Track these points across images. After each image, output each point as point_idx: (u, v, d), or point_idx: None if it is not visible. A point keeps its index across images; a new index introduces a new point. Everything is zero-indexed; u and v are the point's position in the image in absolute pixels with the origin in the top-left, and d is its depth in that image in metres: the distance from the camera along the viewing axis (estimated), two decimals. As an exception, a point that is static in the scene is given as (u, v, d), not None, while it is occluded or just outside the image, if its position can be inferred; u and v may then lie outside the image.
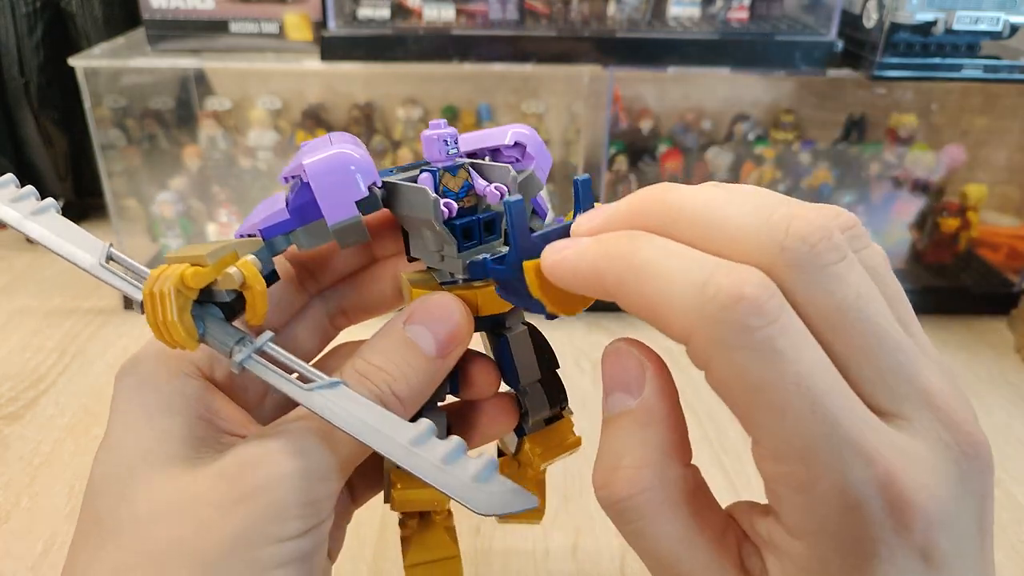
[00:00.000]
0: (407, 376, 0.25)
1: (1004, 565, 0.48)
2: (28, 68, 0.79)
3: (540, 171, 0.28)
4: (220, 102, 0.81)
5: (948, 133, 0.84)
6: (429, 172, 0.26)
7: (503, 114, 0.85)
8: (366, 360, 0.25)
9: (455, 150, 0.26)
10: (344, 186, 0.24)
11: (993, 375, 0.68)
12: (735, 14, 0.74)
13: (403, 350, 0.25)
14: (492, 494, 0.21)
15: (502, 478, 0.22)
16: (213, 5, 0.70)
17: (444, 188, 0.26)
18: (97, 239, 0.25)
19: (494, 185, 0.26)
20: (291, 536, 0.23)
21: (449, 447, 0.22)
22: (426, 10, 0.71)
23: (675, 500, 0.22)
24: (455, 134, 0.26)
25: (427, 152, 0.26)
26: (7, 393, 0.61)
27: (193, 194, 0.80)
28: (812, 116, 0.85)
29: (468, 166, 0.27)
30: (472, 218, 0.26)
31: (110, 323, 0.72)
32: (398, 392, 0.25)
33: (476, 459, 0.22)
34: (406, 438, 0.22)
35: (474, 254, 0.26)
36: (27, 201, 0.26)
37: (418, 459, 0.22)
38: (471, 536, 0.48)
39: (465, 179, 0.26)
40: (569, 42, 0.69)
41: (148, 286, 0.22)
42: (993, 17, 0.63)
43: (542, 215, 0.29)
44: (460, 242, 0.26)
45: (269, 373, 0.23)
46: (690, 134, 0.84)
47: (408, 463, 0.22)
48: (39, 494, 0.51)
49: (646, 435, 0.22)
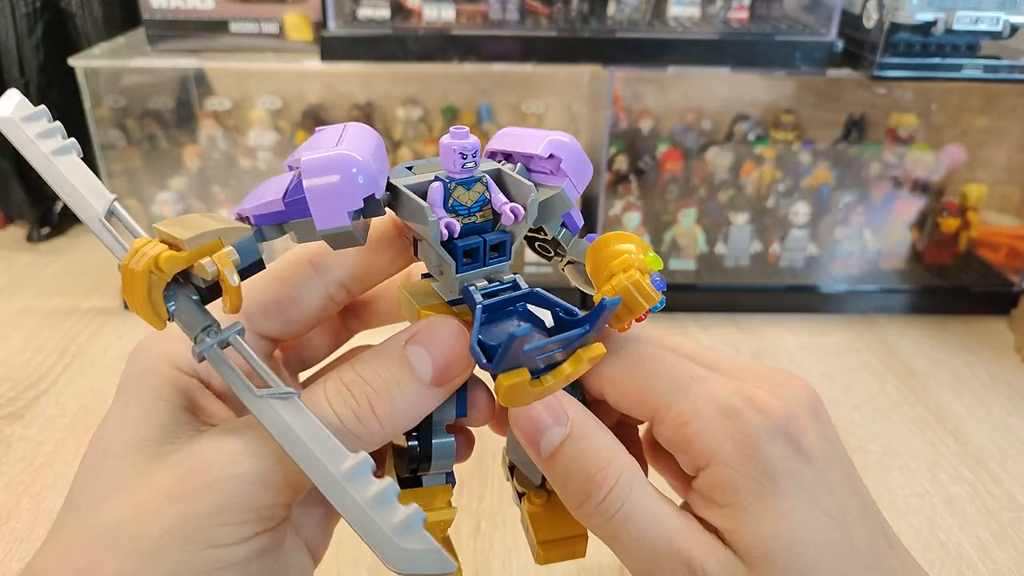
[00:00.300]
0: (392, 396, 0.24)
1: (1004, 564, 0.48)
2: (28, 68, 0.79)
3: (572, 187, 0.26)
4: (220, 102, 0.81)
5: (948, 133, 0.84)
6: (441, 183, 0.24)
7: (503, 114, 0.85)
8: (355, 371, 0.24)
9: (472, 164, 0.24)
10: (338, 194, 0.22)
11: (993, 375, 0.68)
12: (735, 14, 0.74)
13: (395, 368, 0.24)
14: (410, 551, 0.20)
15: (425, 535, 0.21)
16: (213, 5, 0.70)
17: (454, 202, 0.24)
18: (106, 191, 0.24)
19: (510, 206, 0.24)
20: (230, 541, 0.22)
21: (379, 488, 0.21)
22: (426, 10, 0.71)
23: (642, 478, 0.25)
24: (475, 147, 0.24)
25: (443, 161, 0.24)
26: (7, 393, 0.61)
27: (193, 194, 0.80)
28: (812, 116, 0.85)
29: (487, 178, 0.25)
30: (475, 240, 0.24)
31: (110, 323, 0.72)
32: (378, 410, 0.23)
33: (404, 508, 0.21)
34: (339, 469, 0.21)
35: (475, 277, 0.25)
36: (53, 139, 0.24)
37: (343, 495, 0.21)
38: (471, 536, 0.48)
39: (481, 193, 0.25)
40: (569, 42, 0.69)
41: (126, 259, 0.21)
42: (993, 17, 0.63)
43: (573, 230, 0.28)
44: (459, 263, 0.24)
45: (225, 369, 0.22)
46: (690, 134, 0.84)
47: (332, 495, 0.21)
48: (40, 494, 0.51)
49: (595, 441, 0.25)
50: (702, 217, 0.80)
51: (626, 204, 0.80)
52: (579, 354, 0.24)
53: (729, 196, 0.81)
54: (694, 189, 0.82)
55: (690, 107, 0.86)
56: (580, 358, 0.24)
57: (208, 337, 0.22)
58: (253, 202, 0.24)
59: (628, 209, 0.79)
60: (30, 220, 0.87)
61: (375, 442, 0.24)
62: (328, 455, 0.21)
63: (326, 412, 0.23)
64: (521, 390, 0.23)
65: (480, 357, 0.22)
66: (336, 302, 0.29)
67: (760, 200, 0.82)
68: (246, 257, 0.23)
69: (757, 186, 0.82)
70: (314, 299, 0.28)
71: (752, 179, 0.82)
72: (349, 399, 0.23)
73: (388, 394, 0.24)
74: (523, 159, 0.26)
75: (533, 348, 0.22)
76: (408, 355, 0.24)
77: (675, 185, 0.81)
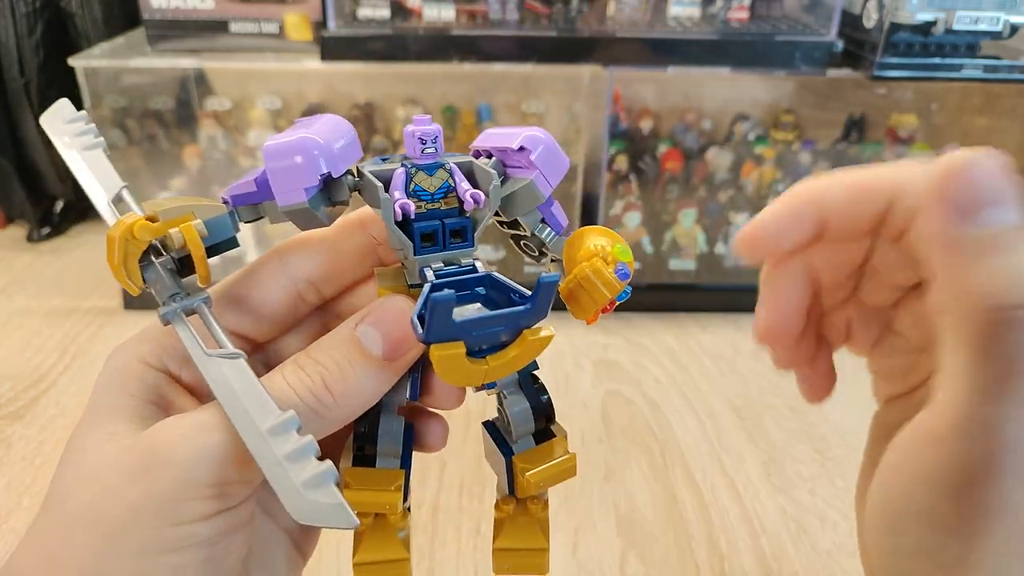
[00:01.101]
0: (345, 374, 0.24)
1: (1004, 565, 0.48)
2: (28, 68, 0.79)
3: (544, 179, 0.27)
4: (220, 102, 0.81)
5: (948, 133, 0.84)
6: (404, 168, 0.25)
7: (503, 114, 0.85)
8: (308, 353, 0.25)
9: (432, 149, 0.26)
10: (294, 171, 0.24)
11: (993, 375, 0.68)
12: (735, 14, 0.74)
13: (345, 347, 0.25)
14: (313, 503, 0.22)
15: (333, 491, 0.22)
16: (213, 5, 0.70)
17: (416, 186, 0.25)
18: (119, 180, 0.27)
19: (471, 192, 0.25)
20: (193, 518, 0.23)
21: (297, 445, 0.22)
22: (426, 10, 0.71)
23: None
24: (436, 133, 0.26)
25: (406, 147, 0.26)
26: (8, 393, 0.61)
27: (193, 194, 0.80)
28: (812, 116, 0.85)
29: (451, 165, 0.26)
30: (433, 223, 0.25)
31: (110, 323, 0.72)
32: (332, 386, 0.24)
33: (318, 464, 0.22)
34: (265, 424, 0.22)
35: (433, 260, 0.25)
36: (86, 136, 0.28)
37: (263, 447, 0.22)
38: (471, 536, 0.48)
39: (445, 180, 0.25)
40: (569, 42, 0.69)
41: (111, 230, 0.23)
42: (993, 17, 0.63)
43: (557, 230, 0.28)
44: (416, 245, 0.25)
45: (185, 332, 0.24)
46: (690, 134, 0.84)
47: (253, 447, 0.22)
48: (40, 493, 0.51)
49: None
50: (702, 217, 0.80)
51: (626, 204, 0.80)
52: (525, 335, 0.24)
53: (729, 196, 0.81)
54: (694, 189, 0.82)
55: (690, 107, 0.86)
56: (525, 339, 0.24)
57: (174, 302, 0.24)
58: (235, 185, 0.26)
59: (628, 209, 0.79)
60: (30, 220, 0.87)
61: (334, 419, 0.25)
62: (258, 411, 0.23)
63: (283, 389, 0.24)
64: (456, 364, 0.23)
65: (417, 327, 0.23)
66: (307, 302, 0.29)
67: (760, 200, 0.82)
68: (217, 233, 0.25)
69: (757, 186, 0.82)
70: (282, 295, 0.28)
71: (752, 179, 0.82)
72: (304, 377, 0.24)
73: (340, 372, 0.25)
74: (499, 154, 0.27)
75: (467, 321, 0.23)
76: (359, 335, 0.25)
77: (675, 185, 0.81)
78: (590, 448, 0.56)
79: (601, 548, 0.46)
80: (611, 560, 0.45)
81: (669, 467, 0.54)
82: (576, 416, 0.60)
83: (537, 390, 0.29)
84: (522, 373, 0.28)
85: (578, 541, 0.47)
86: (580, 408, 0.61)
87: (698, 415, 0.59)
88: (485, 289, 0.26)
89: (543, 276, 0.23)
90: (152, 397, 0.26)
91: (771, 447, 0.55)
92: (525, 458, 0.29)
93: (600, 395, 0.62)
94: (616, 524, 0.48)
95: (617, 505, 0.50)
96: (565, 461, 0.29)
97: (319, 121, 0.26)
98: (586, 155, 0.78)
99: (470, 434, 0.56)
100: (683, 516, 0.49)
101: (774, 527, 0.48)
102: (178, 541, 0.23)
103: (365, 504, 0.27)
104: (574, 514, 0.49)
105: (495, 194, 0.25)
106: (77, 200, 0.88)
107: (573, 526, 0.48)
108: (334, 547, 0.44)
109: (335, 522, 0.22)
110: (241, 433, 0.22)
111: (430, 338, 0.23)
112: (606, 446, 0.56)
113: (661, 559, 0.45)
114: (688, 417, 0.59)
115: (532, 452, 0.29)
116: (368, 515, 0.29)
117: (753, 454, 0.55)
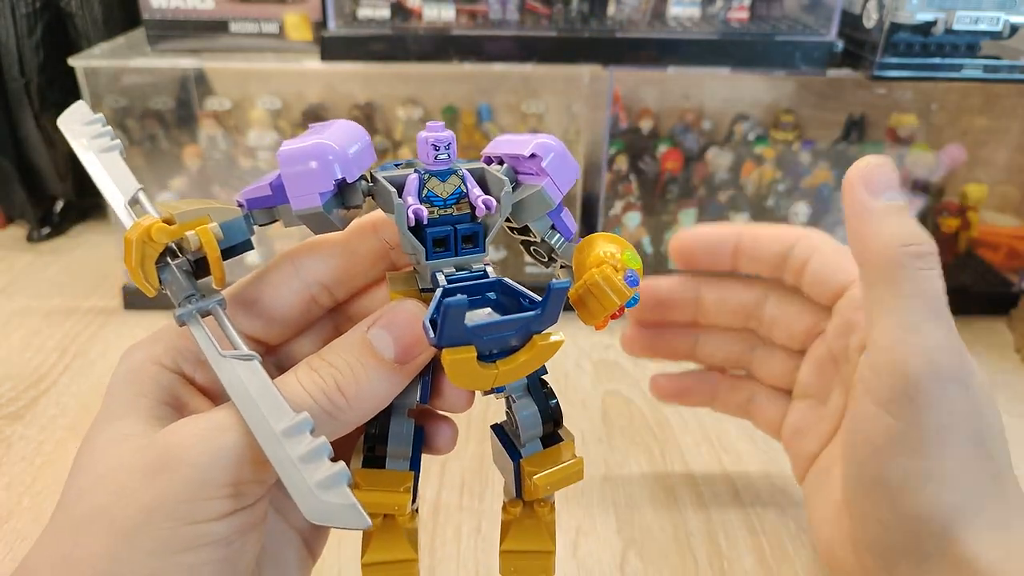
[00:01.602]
0: (357, 376, 0.25)
1: (1004, 565, 0.48)
2: (28, 68, 0.79)
3: (554, 185, 0.27)
4: (220, 102, 0.81)
5: (948, 133, 0.84)
6: (417, 174, 0.26)
7: (503, 114, 0.85)
8: (321, 356, 0.25)
9: (445, 155, 0.26)
10: (309, 176, 0.24)
11: (993, 375, 0.68)
12: (735, 14, 0.74)
13: (358, 350, 0.25)
14: (326, 503, 0.22)
15: (346, 492, 0.22)
16: (213, 5, 0.70)
17: (429, 192, 0.25)
18: (135, 182, 0.28)
19: (483, 199, 0.25)
20: (208, 517, 0.23)
21: (311, 446, 0.22)
22: (426, 10, 0.71)
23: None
24: (449, 139, 0.26)
25: (419, 153, 0.26)
26: (8, 393, 0.61)
27: (193, 194, 0.80)
28: (812, 116, 0.85)
29: (464, 172, 0.26)
30: (445, 228, 0.25)
31: (110, 323, 0.72)
32: (344, 388, 0.25)
33: (331, 465, 0.22)
34: (280, 425, 0.22)
35: (445, 265, 0.26)
36: (103, 139, 0.29)
37: (278, 448, 0.22)
38: (472, 536, 0.48)
39: (457, 186, 0.26)
40: (569, 42, 0.69)
41: (129, 232, 0.24)
42: (993, 17, 0.63)
43: (567, 236, 0.28)
44: (429, 251, 0.25)
45: (200, 333, 0.24)
46: (690, 134, 0.84)
47: (268, 449, 0.22)
48: (41, 494, 0.51)
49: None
50: (702, 217, 0.80)
51: (626, 204, 0.80)
52: (534, 341, 0.24)
53: (729, 196, 0.81)
54: (694, 189, 0.82)
55: (690, 107, 0.86)
56: (535, 344, 0.24)
57: (189, 304, 0.24)
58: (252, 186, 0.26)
59: (628, 209, 0.80)
60: (30, 220, 0.87)
61: (346, 421, 0.25)
62: (273, 412, 0.23)
63: (296, 391, 0.24)
64: (467, 368, 0.23)
65: (429, 331, 0.23)
66: (320, 305, 0.29)
67: (760, 200, 0.82)
68: (233, 236, 0.25)
69: (757, 186, 0.82)
70: (295, 298, 0.28)
71: (752, 179, 0.82)
72: (317, 380, 0.25)
73: (353, 375, 0.25)
74: (511, 161, 0.28)
75: (478, 326, 0.23)
76: (370, 338, 0.25)
77: (675, 185, 0.81)
78: (590, 448, 0.56)
79: (601, 547, 0.46)
80: (611, 559, 0.45)
81: (669, 467, 0.54)
82: (576, 416, 0.60)
83: (546, 394, 0.29)
84: (531, 377, 0.29)
85: (578, 541, 0.47)
86: (580, 408, 0.61)
87: (698, 415, 0.59)
88: (496, 294, 0.26)
89: (553, 282, 0.23)
90: (166, 398, 0.26)
91: (771, 447, 0.55)
92: (533, 462, 0.29)
93: (600, 395, 0.63)
94: (616, 524, 0.48)
95: (617, 505, 0.50)
96: (573, 465, 0.30)
97: (333, 126, 0.26)
98: (586, 155, 0.78)
99: (471, 434, 0.56)
100: (683, 516, 0.49)
101: (774, 527, 0.48)
102: (194, 540, 0.23)
103: (374, 505, 0.28)
104: (574, 514, 0.49)
105: (507, 200, 0.26)
106: (77, 200, 0.88)
107: (573, 526, 0.48)
108: (335, 547, 0.44)
109: (348, 523, 0.22)
110: (255, 434, 0.22)
111: (442, 342, 0.23)
112: (606, 446, 0.56)
113: (661, 559, 0.45)
114: (688, 417, 0.59)
115: (540, 456, 0.29)
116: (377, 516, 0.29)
117: (753, 454, 0.55)
